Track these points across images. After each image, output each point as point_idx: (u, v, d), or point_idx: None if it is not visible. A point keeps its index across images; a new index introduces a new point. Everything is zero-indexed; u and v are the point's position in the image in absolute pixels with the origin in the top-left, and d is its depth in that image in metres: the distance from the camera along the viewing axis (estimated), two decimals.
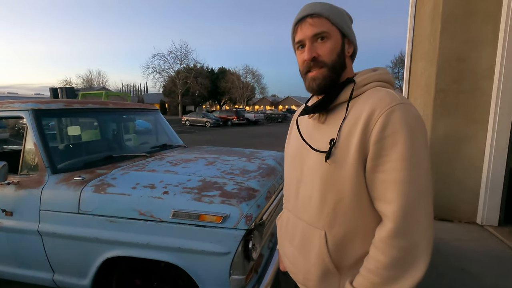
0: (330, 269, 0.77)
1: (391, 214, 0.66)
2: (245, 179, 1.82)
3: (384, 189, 0.68)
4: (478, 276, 2.34)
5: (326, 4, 0.78)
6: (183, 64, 36.49)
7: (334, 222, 0.75)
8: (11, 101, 2.03)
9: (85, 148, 2.51)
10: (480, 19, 3.16)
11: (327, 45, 0.76)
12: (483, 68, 3.23)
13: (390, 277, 0.67)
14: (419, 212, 0.66)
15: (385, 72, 0.80)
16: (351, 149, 0.71)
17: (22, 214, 1.79)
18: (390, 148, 0.67)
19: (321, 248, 0.77)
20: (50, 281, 1.86)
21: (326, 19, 0.76)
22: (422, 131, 0.69)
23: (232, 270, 1.47)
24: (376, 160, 0.68)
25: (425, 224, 0.66)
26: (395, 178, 0.66)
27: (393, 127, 0.66)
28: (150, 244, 1.55)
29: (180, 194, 1.59)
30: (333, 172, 0.74)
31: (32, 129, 1.89)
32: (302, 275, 0.84)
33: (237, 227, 1.45)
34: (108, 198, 1.63)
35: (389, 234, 0.66)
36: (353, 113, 0.73)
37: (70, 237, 1.68)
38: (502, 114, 3.16)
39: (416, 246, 0.66)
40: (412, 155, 0.65)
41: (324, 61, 0.77)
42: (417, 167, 0.66)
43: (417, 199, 0.66)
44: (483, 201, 3.37)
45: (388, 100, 0.69)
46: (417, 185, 0.66)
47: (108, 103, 2.47)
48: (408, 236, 0.66)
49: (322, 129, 0.80)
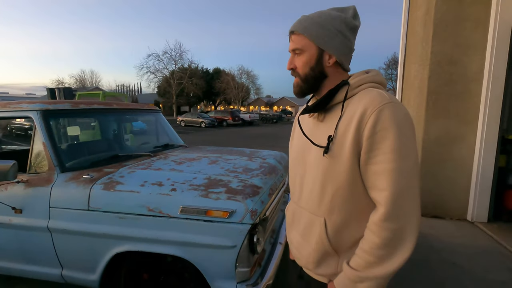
0: (329, 251, 0.86)
1: (383, 200, 0.75)
2: (248, 176, 1.90)
3: (376, 179, 0.76)
4: (469, 269, 2.46)
5: (308, 20, 0.86)
6: (177, 64, 36.43)
7: (332, 210, 0.84)
8: (19, 101, 2.08)
9: (90, 148, 2.56)
10: (470, 25, 3.31)
11: (301, 59, 0.88)
12: (473, 71, 3.37)
13: (383, 256, 0.76)
14: (408, 198, 0.74)
15: (376, 73, 0.88)
16: (346, 144, 0.79)
17: (31, 212, 1.84)
18: (380, 142, 0.75)
19: (321, 234, 0.86)
20: (58, 277, 1.91)
21: (303, 36, 0.86)
22: (410, 127, 0.77)
23: (238, 262, 1.54)
24: (369, 153, 0.77)
25: (412, 209, 0.75)
26: (386, 169, 0.74)
27: (383, 124, 0.74)
28: (159, 239, 1.61)
29: (187, 191, 1.66)
30: (330, 165, 0.83)
31: (41, 129, 1.94)
32: (305, 259, 0.93)
33: (242, 222, 1.53)
34: (117, 195, 1.70)
35: (381, 218, 0.75)
36: (348, 112, 0.82)
37: (79, 233, 1.74)
38: (490, 116, 3.31)
39: (405, 228, 0.74)
40: (400, 148, 0.74)
41: (298, 72, 0.90)
42: (405, 159, 0.74)
43: (406, 186, 0.74)
44: (473, 199, 3.51)
45: (378, 100, 0.77)
46: (405, 174, 0.74)
47: (112, 103, 2.53)
48: (398, 219, 0.74)
49: (321, 127, 0.89)
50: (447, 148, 3.58)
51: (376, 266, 0.76)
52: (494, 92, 3.26)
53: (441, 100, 3.52)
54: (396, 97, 4.63)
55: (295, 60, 0.90)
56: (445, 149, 3.58)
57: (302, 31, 0.86)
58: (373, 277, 0.76)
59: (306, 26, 0.86)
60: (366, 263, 0.78)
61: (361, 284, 0.78)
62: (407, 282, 2.28)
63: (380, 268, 0.76)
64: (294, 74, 0.91)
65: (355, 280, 0.79)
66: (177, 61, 36.22)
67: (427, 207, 3.70)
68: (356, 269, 0.79)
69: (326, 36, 0.84)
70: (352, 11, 0.87)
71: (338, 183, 0.82)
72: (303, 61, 0.88)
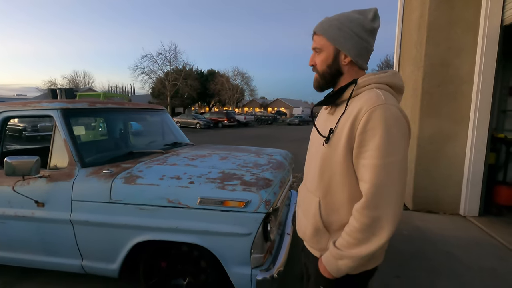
0: (321, 228, 0.98)
1: (365, 191, 0.85)
2: (259, 171, 2.03)
3: (363, 172, 0.86)
4: (461, 258, 2.63)
5: (328, 23, 0.95)
6: (172, 65, 36.35)
7: (327, 192, 0.96)
8: (39, 100, 2.17)
9: (106, 145, 2.65)
10: (461, 29, 3.50)
11: (320, 57, 0.98)
12: (464, 73, 3.57)
13: (361, 239, 0.86)
14: (387, 191, 0.83)
15: (387, 75, 0.94)
16: (342, 138, 0.89)
17: (54, 205, 1.93)
18: (369, 139, 0.84)
19: (316, 212, 0.99)
20: (78, 267, 2.01)
21: (323, 37, 0.96)
22: (398, 127, 0.84)
23: (253, 249, 1.67)
24: (359, 148, 0.86)
25: (391, 201, 0.83)
26: (370, 164, 0.84)
27: (373, 123, 0.83)
28: (179, 228, 1.73)
29: (204, 183, 1.79)
30: (328, 154, 0.94)
31: (61, 126, 2.04)
32: (302, 231, 1.08)
33: (257, 211, 1.66)
34: (138, 188, 1.81)
35: (362, 206, 0.85)
36: (350, 110, 0.90)
37: (101, 224, 1.84)
38: (480, 115, 3.50)
39: (381, 217, 0.83)
40: (386, 146, 0.82)
41: (317, 69, 1.00)
42: (389, 156, 0.82)
43: (386, 180, 0.83)
44: (465, 195, 3.70)
45: (373, 101, 0.85)
46: (387, 170, 0.82)
47: (124, 103, 2.63)
48: (376, 208, 0.83)
49: (330, 119, 1.00)
50: (440, 146, 3.76)
51: (354, 247, 0.87)
52: (484, 93, 3.46)
53: (435, 100, 3.70)
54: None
55: (315, 57, 1.00)
56: (438, 147, 3.77)
57: (322, 32, 0.96)
58: (351, 256, 0.88)
59: (326, 28, 0.95)
60: (347, 244, 0.89)
61: (341, 261, 0.90)
62: (406, 270, 2.43)
63: (358, 249, 0.86)
64: (314, 70, 1.01)
65: (336, 257, 0.91)
66: (171, 62, 36.16)
67: (422, 202, 3.88)
68: (338, 248, 0.91)
69: (342, 38, 0.93)
70: (372, 13, 0.93)
71: (334, 170, 0.93)
72: (322, 59, 0.97)
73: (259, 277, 1.66)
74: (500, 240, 2.97)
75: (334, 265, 0.92)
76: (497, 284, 2.25)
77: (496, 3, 3.28)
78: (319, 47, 0.97)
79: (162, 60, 35.51)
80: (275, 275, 1.69)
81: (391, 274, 2.38)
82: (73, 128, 2.84)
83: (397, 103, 0.90)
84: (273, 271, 1.72)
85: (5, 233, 2.05)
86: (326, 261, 0.94)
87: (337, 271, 0.92)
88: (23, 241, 2.05)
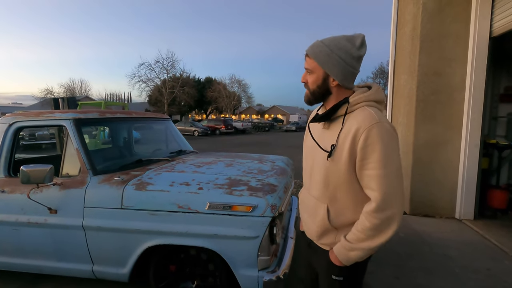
0: (329, 229, 1.12)
1: (374, 198, 1.00)
2: (264, 177, 2.13)
3: (369, 181, 1.01)
4: (457, 259, 2.73)
5: (319, 47, 1.05)
6: (169, 73, 36.58)
7: (333, 199, 1.10)
8: (51, 111, 2.26)
9: (115, 153, 2.74)
10: (452, 40, 3.68)
11: (311, 77, 1.10)
12: (456, 82, 3.73)
13: (370, 235, 1.01)
14: (393, 196, 0.99)
15: (373, 92, 1.08)
16: (344, 152, 1.02)
17: (66, 211, 2.01)
18: (371, 153, 0.98)
19: (324, 217, 1.12)
20: (89, 273, 2.07)
21: (313, 60, 1.07)
22: (392, 141, 1.00)
23: (260, 252, 1.76)
24: (362, 161, 1.00)
25: (396, 204, 0.99)
26: (375, 174, 0.99)
27: (372, 139, 0.97)
28: (188, 233, 1.81)
29: (213, 189, 1.88)
30: (333, 167, 1.07)
31: (74, 136, 2.13)
32: (311, 232, 1.21)
33: (264, 215, 1.75)
34: (149, 195, 1.89)
35: (372, 209, 1.00)
36: (347, 126, 1.03)
37: (113, 229, 1.92)
38: (473, 122, 3.65)
39: (389, 218, 0.99)
40: (385, 158, 0.97)
41: (308, 87, 1.12)
42: (389, 166, 0.98)
43: (392, 187, 0.98)
44: (460, 199, 3.82)
45: (369, 120, 0.99)
46: (390, 178, 0.98)
47: (131, 112, 2.73)
48: (385, 211, 0.99)
49: (326, 133, 1.12)
50: (435, 152, 3.90)
51: (364, 241, 1.02)
52: (476, 100, 3.61)
53: (429, 108, 3.85)
54: (387, 105, 4.97)
55: (307, 76, 1.12)
56: (433, 153, 3.90)
57: (313, 57, 1.06)
58: (362, 248, 1.03)
59: (317, 53, 1.06)
60: (358, 238, 1.04)
61: (352, 252, 1.05)
62: (404, 271, 2.52)
63: (367, 242, 1.02)
64: (306, 87, 1.14)
65: (347, 249, 1.05)
66: (169, 70, 36.40)
67: (419, 206, 3.99)
68: (350, 241, 1.05)
69: (330, 64, 1.04)
70: (359, 41, 1.03)
71: (338, 180, 1.06)
72: (312, 80, 1.10)
73: (265, 279, 1.75)
74: (494, 242, 3.08)
75: (345, 256, 1.07)
76: (491, 284, 2.35)
77: (484, 17, 3.46)
78: (311, 69, 1.09)
79: (160, 68, 35.72)
80: (281, 276, 1.78)
81: (390, 275, 2.47)
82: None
83: (386, 117, 1.05)
84: (279, 273, 1.80)
85: (18, 239, 2.11)
86: (338, 252, 1.08)
87: (348, 260, 1.07)
88: (35, 247, 2.11)
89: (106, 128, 4.14)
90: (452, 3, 3.65)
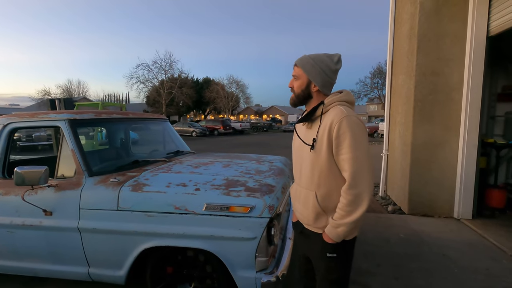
0: (321, 212, 1.30)
1: (347, 177, 1.20)
2: (262, 177, 2.11)
3: (343, 164, 1.21)
4: (456, 259, 2.72)
5: (305, 59, 1.31)
6: (167, 74, 36.47)
7: (319, 186, 1.29)
8: (46, 112, 2.23)
9: (111, 154, 2.71)
10: (449, 40, 3.68)
11: (297, 83, 1.35)
12: (454, 82, 3.73)
13: (349, 210, 1.20)
14: (362, 174, 1.19)
15: (344, 94, 1.32)
16: (323, 143, 1.24)
17: (62, 213, 1.98)
18: (342, 141, 1.20)
19: (314, 202, 1.30)
20: (85, 275, 2.04)
21: (300, 69, 1.32)
22: (360, 130, 1.21)
23: (258, 253, 1.74)
24: (337, 148, 1.22)
25: (365, 181, 1.19)
26: (347, 157, 1.19)
27: (343, 129, 1.19)
28: (185, 234, 1.79)
29: (210, 190, 1.86)
30: (315, 157, 1.27)
31: (69, 137, 2.10)
32: (306, 219, 1.37)
33: (262, 216, 1.73)
34: (145, 196, 1.87)
35: (346, 187, 1.20)
36: (324, 122, 1.26)
37: (109, 231, 1.89)
38: (471, 121, 3.65)
39: (361, 193, 1.19)
40: (354, 144, 1.18)
41: (294, 91, 1.37)
42: (358, 150, 1.18)
43: (360, 167, 1.18)
44: (458, 198, 3.81)
45: (339, 115, 1.21)
46: (359, 160, 1.18)
47: (128, 113, 2.71)
48: (356, 187, 1.19)
49: (309, 132, 1.35)
50: (433, 152, 3.89)
51: (345, 217, 1.21)
52: (473, 100, 3.61)
53: (427, 108, 3.85)
54: (385, 105, 4.97)
55: (294, 82, 1.36)
56: (431, 153, 3.90)
57: (301, 66, 1.32)
58: (345, 223, 1.21)
59: (304, 63, 1.31)
60: (340, 216, 1.23)
61: (339, 228, 1.23)
62: (403, 271, 2.51)
63: (348, 217, 1.21)
64: (292, 91, 1.38)
65: (335, 227, 1.24)
66: (167, 71, 36.29)
67: (417, 206, 3.98)
68: (335, 219, 1.24)
69: (313, 73, 1.30)
70: (336, 58, 1.30)
71: (321, 167, 1.27)
72: (298, 85, 1.35)
73: (264, 280, 1.73)
74: (493, 242, 3.07)
75: (334, 233, 1.25)
76: (490, 284, 2.34)
77: (482, 16, 3.46)
78: (298, 75, 1.35)
79: (158, 68, 35.58)
80: (279, 277, 1.76)
81: (390, 276, 2.45)
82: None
83: (354, 112, 1.27)
84: (277, 274, 1.78)
85: (13, 242, 2.08)
86: (329, 231, 1.27)
87: (337, 236, 1.25)
88: (30, 250, 2.08)
89: (103, 129, 4.12)
90: (450, 2, 3.65)
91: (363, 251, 2.88)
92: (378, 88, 37.61)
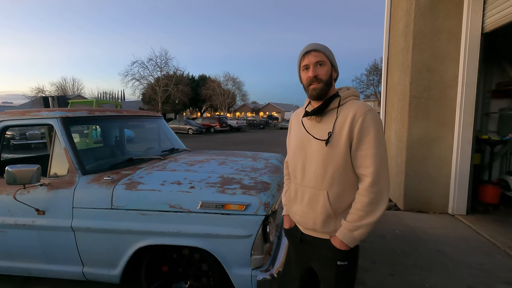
0: (331, 214, 1.19)
1: (369, 173, 1.12)
2: (257, 175, 2.10)
3: (363, 160, 1.13)
4: (451, 255, 2.75)
5: (323, 46, 1.23)
6: (163, 71, 36.18)
7: (332, 184, 1.18)
8: (38, 109, 2.20)
9: (105, 152, 2.68)
10: (444, 37, 3.68)
11: (324, 69, 1.20)
12: (449, 78, 3.74)
13: (370, 210, 1.12)
14: (383, 171, 1.12)
15: (353, 90, 1.27)
16: (342, 137, 1.14)
17: (55, 212, 1.95)
18: (366, 135, 1.12)
19: (325, 202, 1.19)
20: (79, 274, 2.02)
21: (323, 54, 1.20)
22: (381, 126, 1.16)
23: (253, 250, 1.73)
24: (358, 142, 1.13)
25: (386, 178, 1.13)
26: (369, 153, 1.12)
27: (367, 123, 1.12)
28: (180, 232, 1.78)
29: (205, 188, 1.84)
30: (330, 152, 1.16)
31: (61, 135, 2.07)
32: (311, 222, 1.23)
33: (257, 214, 1.72)
34: (139, 194, 1.85)
35: (368, 184, 1.12)
36: (342, 115, 1.17)
37: (103, 230, 1.87)
38: (465, 118, 3.67)
39: (382, 190, 1.12)
40: (378, 139, 1.12)
41: (321, 78, 1.19)
42: (381, 146, 1.13)
43: (382, 163, 1.12)
44: (453, 194, 3.84)
45: (363, 108, 1.15)
46: (381, 156, 1.12)
47: (122, 111, 2.67)
48: (379, 185, 1.12)
49: (319, 126, 1.22)
50: (428, 148, 3.91)
51: (366, 218, 1.12)
52: (468, 96, 3.63)
53: (422, 104, 3.86)
54: (381, 101, 4.98)
55: (317, 69, 1.19)
56: (426, 149, 3.92)
57: (323, 50, 1.21)
58: (365, 225, 1.13)
59: (324, 49, 1.21)
60: (359, 217, 1.13)
61: (357, 231, 1.14)
62: (399, 267, 2.53)
63: (369, 218, 1.12)
64: (316, 80, 1.19)
65: (352, 230, 1.14)
66: (162, 68, 36.00)
67: (412, 202, 4.01)
68: (352, 222, 1.14)
69: (334, 59, 1.24)
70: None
71: (337, 164, 1.16)
72: (325, 71, 1.20)
73: (259, 278, 1.72)
74: (487, 237, 3.10)
75: (350, 237, 1.15)
76: (485, 279, 2.37)
77: (476, 13, 3.47)
78: (324, 61, 1.20)
79: (153, 66, 35.34)
80: (275, 275, 1.76)
81: (385, 272, 2.47)
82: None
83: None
84: (272, 272, 1.78)
85: (6, 242, 2.05)
86: (343, 236, 1.16)
87: (353, 241, 1.15)
88: (23, 250, 2.05)
89: (98, 127, 4.07)
90: None
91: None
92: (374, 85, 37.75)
